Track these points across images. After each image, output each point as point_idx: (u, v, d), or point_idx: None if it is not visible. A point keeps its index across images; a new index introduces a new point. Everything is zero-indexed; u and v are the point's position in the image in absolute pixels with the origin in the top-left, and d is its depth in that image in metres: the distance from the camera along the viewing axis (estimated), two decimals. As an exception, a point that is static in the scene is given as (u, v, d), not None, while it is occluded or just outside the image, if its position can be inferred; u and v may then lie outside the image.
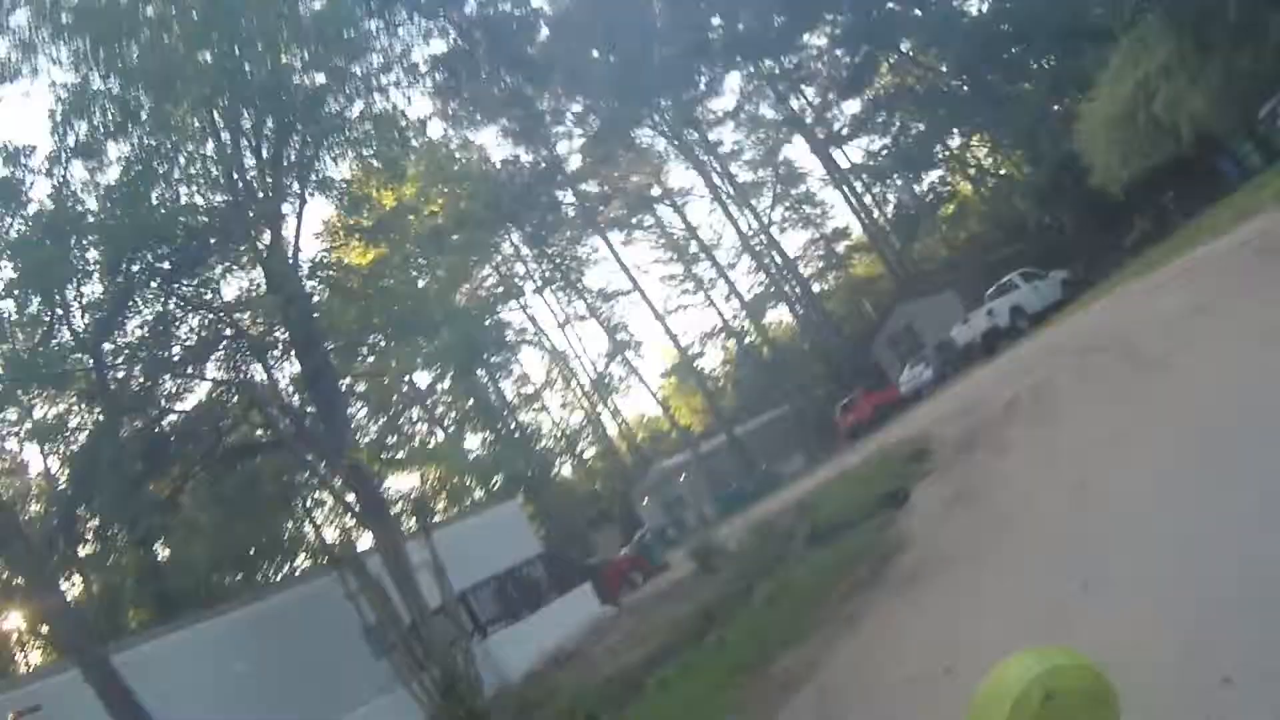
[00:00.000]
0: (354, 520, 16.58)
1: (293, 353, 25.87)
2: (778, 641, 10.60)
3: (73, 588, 32.43)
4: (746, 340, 57.74)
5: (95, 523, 28.95)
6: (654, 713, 11.49)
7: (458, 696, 14.69)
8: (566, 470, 57.75)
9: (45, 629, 28.87)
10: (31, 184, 20.96)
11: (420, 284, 26.17)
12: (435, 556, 15.54)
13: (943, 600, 8.51)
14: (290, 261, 21.71)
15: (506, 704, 16.51)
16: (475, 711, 14.90)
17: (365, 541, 19.51)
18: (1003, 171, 47.62)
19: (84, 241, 20.82)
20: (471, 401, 47.55)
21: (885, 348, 42.86)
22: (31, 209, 20.78)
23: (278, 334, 26.71)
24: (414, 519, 31.71)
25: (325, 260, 24.67)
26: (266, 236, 21.72)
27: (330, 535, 38.75)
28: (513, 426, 50.87)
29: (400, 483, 43.69)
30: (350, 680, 17.85)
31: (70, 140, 19.96)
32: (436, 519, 27.98)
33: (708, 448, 49.87)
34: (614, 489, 54.05)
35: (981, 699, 1.84)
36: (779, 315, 59.33)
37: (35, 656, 32.91)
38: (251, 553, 34.11)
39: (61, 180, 20.47)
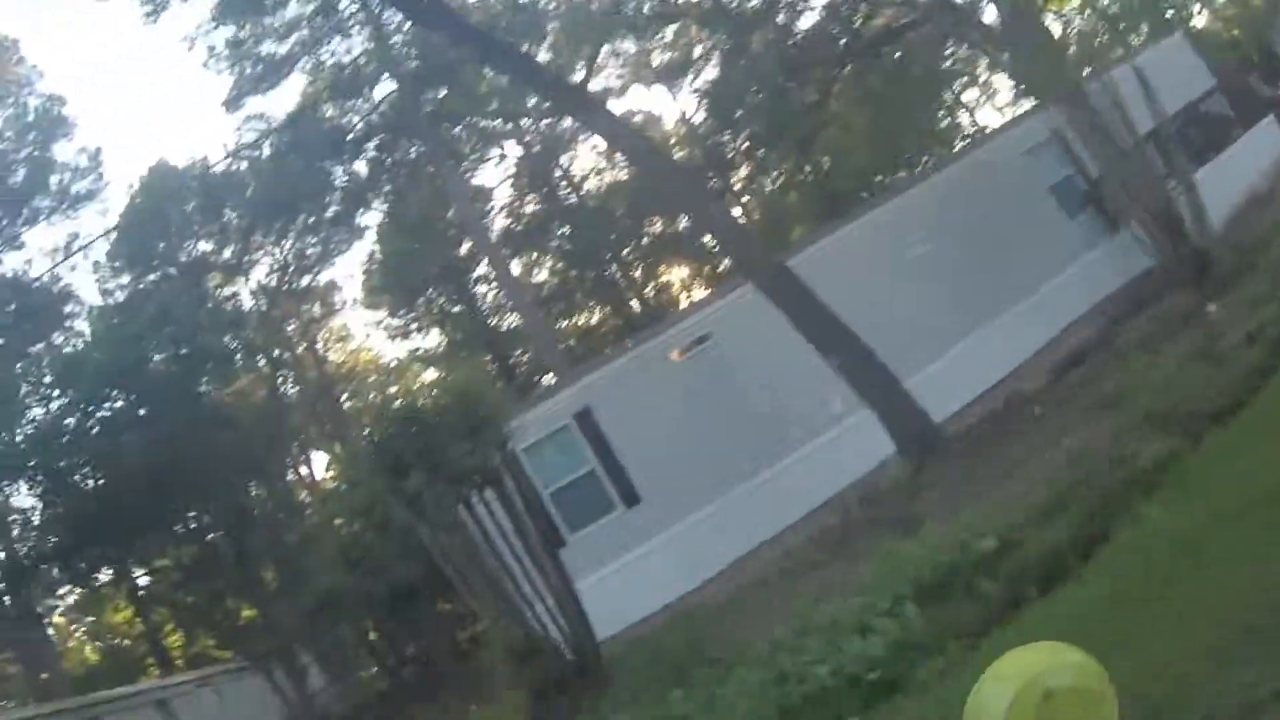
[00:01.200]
0: (1022, 71, 15.07)
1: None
2: None
3: (738, 218, 35.66)
4: None
5: (744, 145, 31.02)
6: None
7: (1184, 236, 13.33)
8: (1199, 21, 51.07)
9: (717, 254, 32.37)
10: None
11: None
12: (1139, 76, 13.33)
13: None
14: None
15: (1225, 246, 14.57)
16: (1202, 252, 13.47)
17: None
18: None
19: None
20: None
21: None
22: None
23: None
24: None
25: None
26: None
27: (983, 116, 37.98)
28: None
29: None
30: (1045, 244, 16.69)
31: None
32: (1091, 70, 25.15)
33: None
34: (1250, 35, 47.08)
35: (979, 696, 1.75)
36: None
37: (698, 293, 37.25)
38: (910, 142, 33.28)
39: None
